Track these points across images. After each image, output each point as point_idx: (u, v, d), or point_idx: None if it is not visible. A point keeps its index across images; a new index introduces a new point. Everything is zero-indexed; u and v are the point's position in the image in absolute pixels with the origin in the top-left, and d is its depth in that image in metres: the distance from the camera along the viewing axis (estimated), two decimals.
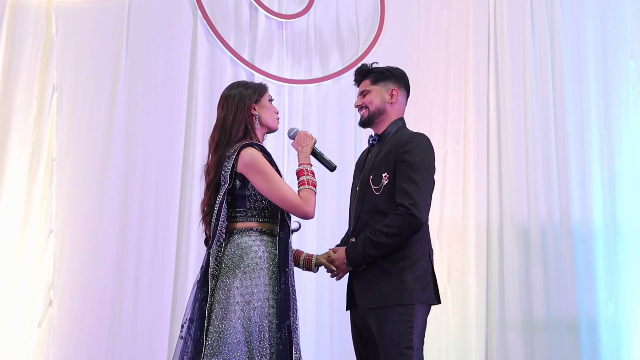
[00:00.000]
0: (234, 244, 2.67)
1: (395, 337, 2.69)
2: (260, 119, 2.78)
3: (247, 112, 2.75)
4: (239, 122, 2.73)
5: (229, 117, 2.74)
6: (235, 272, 2.62)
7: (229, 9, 4.58)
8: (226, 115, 2.75)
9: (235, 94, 2.78)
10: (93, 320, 4.03)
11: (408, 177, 2.74)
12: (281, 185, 2.68)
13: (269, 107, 2.82)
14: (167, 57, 4.40)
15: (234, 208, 2.71)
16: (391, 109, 2.96)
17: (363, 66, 3.02)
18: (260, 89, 2.82)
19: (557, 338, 4.57)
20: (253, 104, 2.77)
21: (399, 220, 2.72)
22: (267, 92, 2.84)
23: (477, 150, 4.76)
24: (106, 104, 4.22)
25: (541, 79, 4.85)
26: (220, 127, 2.76)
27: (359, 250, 2.78)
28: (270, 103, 2.83)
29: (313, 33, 4.72)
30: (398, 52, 4.76)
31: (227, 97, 2.79)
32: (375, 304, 2.76)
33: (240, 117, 2.74)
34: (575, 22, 4.92)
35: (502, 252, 4.65)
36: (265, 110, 2.80)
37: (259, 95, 2.79)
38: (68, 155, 4.11)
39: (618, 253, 4.65)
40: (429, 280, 2.80)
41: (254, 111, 2.77)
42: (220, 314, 2.58)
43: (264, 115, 2.80)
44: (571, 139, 4.78)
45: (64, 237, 4.04)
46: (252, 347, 2.55)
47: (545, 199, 4.71)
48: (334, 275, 2.89)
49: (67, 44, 4.18)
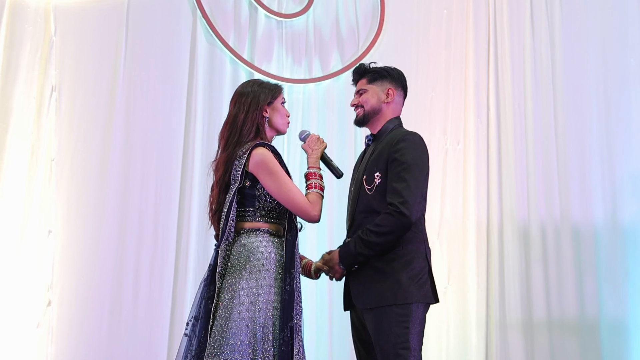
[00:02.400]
0: (241, 244, 2.68)
1: (392, 338, 2.68)
2: (270, 121, 2.80)
3: (258, 113, 2.76)
4: (251, 122, 2.74)
5: (240, 116, 2.74)
6: (241, 272, 2.62)
7: (229, 8, 4.57)
8: (237, 113, 2.76)
9: (250, 92, 2.78)
10: (92, 320, 4.04)
11: (399, 175, 2.74)
12: (290, 188, 2.69)
13: (280, 110, 2.83)
14: (166, 56, 4.40)
15: (243, 207, 2.72)
16: (387, 109, 2.96)
17: (360, 65, 3.03)
18: (275, 91, 2.82)
19: (558, 338, 4.55)
20: (265, 105, 2.78)
21: (389, 219, 2.71)
22: (281, 94, 2.85)
23: (477, 150, 4.75)
24: (105, 103, 4.22)
25: (541, 78, 4.83)
26: (231, 125, 2.76)
27: (350, 250, 2.78)
28: (282, 106, 2.84)
29: (313, 32, 4.71)
30: (398, 52, 4.76)
31: (241, 94, 2.80)
32: (371, 305, 2.76)
33: (251, 117, 2.75)
34: (576, 21, 4.90)
35: (502, 252, 4.63)
36: (276, 114, 2.81)
37: (272, 98, 2.80)
38: (67, 155, 4.12)
39: (618, 253, 4.63)
40: (426, 279, 2.79)
41: (265, 113, 2.78)
42: (224, 314, 2.58)
43: (274, 118, 2.81)
44: (571, 138, 4.76)
45: (63, 237, 4.05)
46: (255, 349, 2.56)
47: (545, 199, 4.69)
48: (331, 277, 2.89)
49: (66, 43, 4.18)
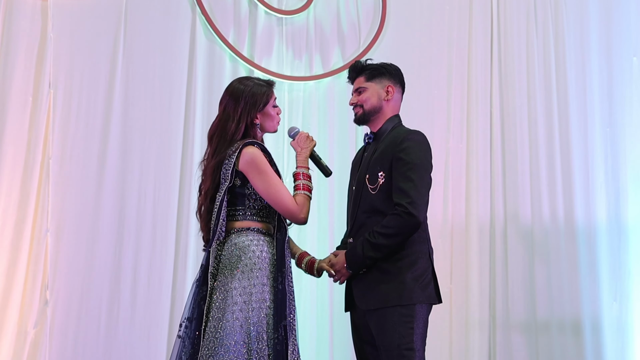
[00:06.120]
0: (232, 244, 2.67)
1: (396, 339, 2.67)
2: (261, 126, 2.80)
3: (249, 121, 2.75)
4: (240, 130, 2.73)
5: (230, 125, 2.73)
6: (234, 272, 2.62)
7: (228, 5, 4.55)
8: (227, 120, 2.74)
9: (240, 98, 2.75)
10: (90, 321, 4.02)
11: (405, 175, 2.72)
12: (279, 188, 2.69)
13: (271, 115, 2.81)
14: (165, 53, 4.37)
15: (234, 206, 2.72)
16: (387, 106, 2.92)
17: (357, 63, 2.99)
18: (267, 96, 2.79)
19: (561, 338, 4.54)
20: (257, 113, 2.77)
21: (397, 220, 2.69)
22: (272, 97, 2.82)
23: (480, 149, 4.72)
24: (103, 101, 4.20)
25: (544, 76, 4.81)
26: (221, 131, 2.75)
27: (358, 254, 2.75)
28: (273, 108, 2.82)
29: (313, 29, 4.69)
30: (400, 48, 4.73)
31: (231, 98, 2.76)
32: (375, 305, 2.74)
33: (241, 126, 2.74)
34: (579, 19, 4.88)
35: (505, 252, 4.61)
36: (267, 118, 2.80)
37: (264, 104, 2.78)
38: (64, 153, 4.10)
39: (622, 252, 4.62)
40: (429, 279, 2.77)
41: (256, 120, 2.77)
42: (217, 315, 2.58)
43: (265, 123, 2.81)
44: (575, 137, 4.74)
45: (60, 237, 4.02)
46: (250, 349, 2.56)
47: (549, 198, 4.67)
48: (336, 280, 2.87)
49: (63, 40, 4.16)
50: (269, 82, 2.86)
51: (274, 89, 2.84)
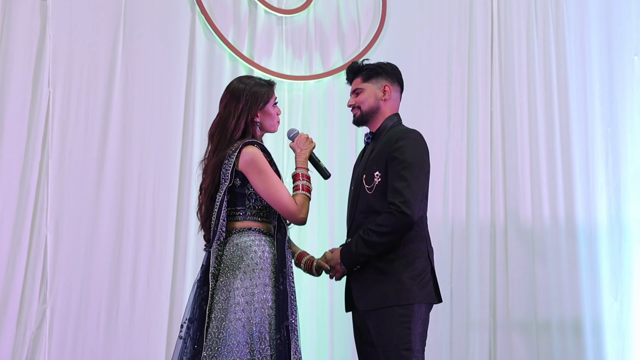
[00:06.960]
0: (233, 244, 2.67)
1: (394, 339, 2.67)
2: (261, 125, 2.80)
3: (249, 118, 2.75)
4: (240, 127, 2.74)
5: (230, 122, 2.73)
6: (235, 272, 2.62)
7: (228, 4, 4.54)
8: (228, 118, 2.74)
9: (241, 96, 2.75)
10: (89, 320, 4.01)
11: (399, 174, 2.72)
12: (279, 189, 2.69)
13: (271, 114, 2.82)
14: (165, 52, 4.36)
15: (234, 207, 2.71)
16: (385, 106, 2.92)
17: (354, 64, 2.99)
18: (267, 95, 2.80)
19: (562, 338, 4.53)
20: (257, 111, 2.77)
21: (390, 219, 2.69)
22: (273, 96, 2.82)
23: (480, 149, 4.72)
24: (102, 100, 4.19)
25: (545, 75, 4.81)
26: (221, 129, 2.75)
27: (352, 250, 2.76)
28: (273, 107, 2.83)
29: (313, 28, 4.68)
30: (400, 47, 4.72)
31: (233, 97, 2.76)
32: (373, 306, 2.74)
33: (243, 123, 2.74)
34: (580, 18, 4.88)
35: (506, 252, 4.61)
36: (267, 117, 2.81)
37: (264, 103, 2.78)
38: (63, 152, 4.09)
39: (623, 252, 4.62)
40: (428, 278, 2.77)
41: (256, 119, 2.77)
42: (219, 315, 2.58)
43: (265, 122, 2.81)
44: (575, 137, 4.74)
45: (60, 236, 4.01)
46: (253, 349, 2.56)
47: (549, 198, 4.67)
48: (332, 276, 2.87)
49: (62, 39, 4.15)
50: (269, 81, 2.86)
51: (274, 89, 2.84)
